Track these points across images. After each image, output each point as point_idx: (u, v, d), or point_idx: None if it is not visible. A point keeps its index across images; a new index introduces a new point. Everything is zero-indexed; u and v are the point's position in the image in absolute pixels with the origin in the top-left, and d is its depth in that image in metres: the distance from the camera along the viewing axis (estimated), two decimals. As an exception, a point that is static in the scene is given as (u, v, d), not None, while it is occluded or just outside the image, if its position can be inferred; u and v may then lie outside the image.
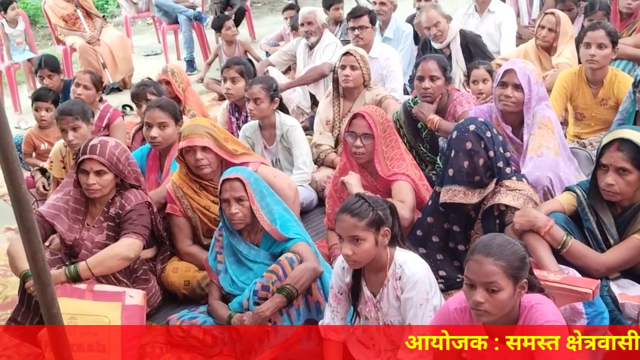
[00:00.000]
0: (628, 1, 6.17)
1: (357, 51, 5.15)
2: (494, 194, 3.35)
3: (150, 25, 11.71)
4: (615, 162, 3.00)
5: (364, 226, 2.76)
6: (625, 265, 3.05)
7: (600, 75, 4.60)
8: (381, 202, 2.88)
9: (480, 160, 3.28)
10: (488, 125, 3.37)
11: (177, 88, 5.55)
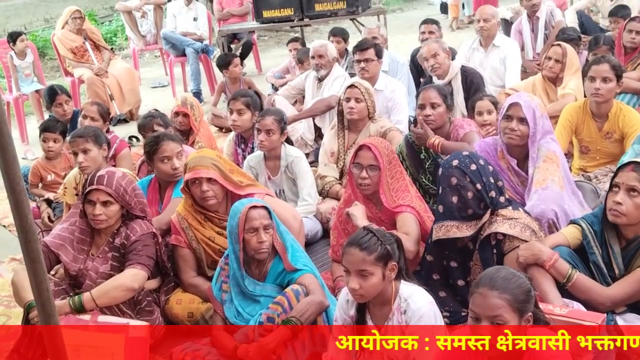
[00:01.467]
0: (632, 35, 6.23)
1: (362, 84, 5.18)
2: (490, 224, 3.34)
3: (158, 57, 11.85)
4: (628, 181, 3.01)
5: (372, 260, 2.75)
6: (631, 299, 3.03)
7: (605, 109, 4.62)
8: (389, 237, 2.88)
9: (468, 193, 3.27)
10: (473, 158, 3.36)
11: (194, 121, 5.60)
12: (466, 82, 5.83)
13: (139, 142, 6.88)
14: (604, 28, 8.21)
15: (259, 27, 9.34)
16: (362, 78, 5.69)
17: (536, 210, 3.58)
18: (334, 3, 8.26)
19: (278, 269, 3.40)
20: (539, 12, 7.78)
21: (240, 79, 7.79)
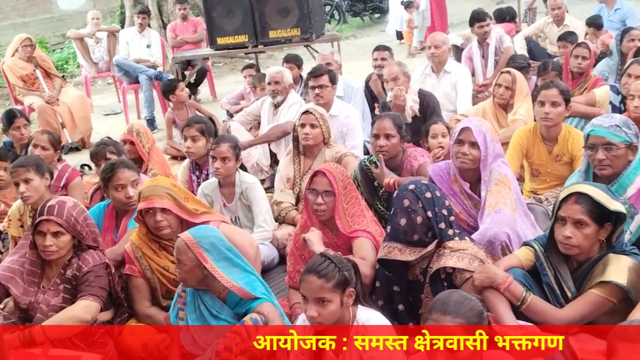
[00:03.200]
0: (578, 61, 6.42)
1: (317, 110, 5.21)
2: (439, 257, 3.36)
3: (110, 84, 11.74)
4: (574, 215, 3.05)
5: (330, 288, 2.75)
6: (584, 320, 3.07)
7: (554, 132, 4.73)
8: (346, 262, 2.88)
9: (417, 218, 3.30)
10: (430, 188, 3.41)
11: (142, 149, 5.53)
12: (422, 104, 5.92)
13: (91, 170, 6.78)
14: (552, 54, 8.44)
15: (213, 54, 9.33)
16: (317, 104, 5.73)
17: (489, 233, 3.63)
18: (288, 30, 8.30)
19: (236, 298, 3.36)
20: (489, 39, 7.96)
21: (185, 104, 7.75)
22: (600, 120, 3.69)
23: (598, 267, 3.07)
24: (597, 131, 3.60)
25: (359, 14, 18.58)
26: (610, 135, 3.54)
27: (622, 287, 2.97)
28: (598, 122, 3.66)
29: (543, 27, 9.32)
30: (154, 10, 13.40)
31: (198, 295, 3.39)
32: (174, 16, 12.25)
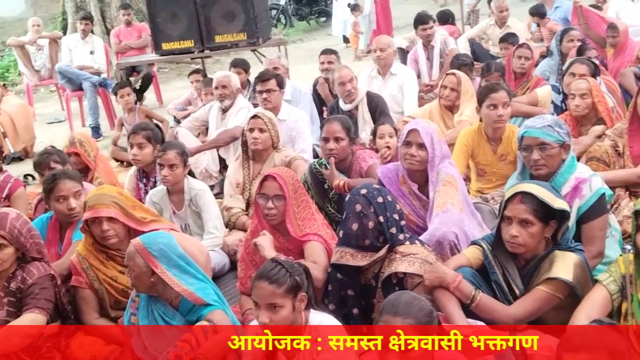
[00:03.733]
0: (521, 61, 6.57)
1: (265, 114, 5.21)
2: (390, 262, 3.39)
3: (53, 92, 11.50)
4: (519, 214, 3.11)
5: (282, 293, 2.74)
6: (532, 317, 3.12)
7: (499, 133, 4.82)
8: (297, 267, 2.88)
9: (369, 223, 3.33)
10: (382, 192, 3.44)
11: (88, 158, 5.42)
12: (371, 105, 5.97)
13: (35, 180, 6.62)
14: (495, 55, 8.60)
15: (158, 60, 9.23)
16: (265, 108, 5.72)
17: (438, 233, 3.67)
18: (235, 34, 8.26)
19: (189, 305, 3.32)
20: (433, 41, 8.07)
21: (135, 109, 7.65)
22: (533, 121, 3.75)
23: (545, 264, 3.13)
24: (530, 132, 3.66)
25: (305, 17, 18.65)
26: (543, 136, 3.62)
27: (569, 283, 3.04)
28: (531, 124, 3.73)
29: (486, 29, 9.51)
30: (97, 16, 13.18)
31: (151, 301, 3.34)
32: (118, 22, 12.09)
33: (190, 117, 6.92)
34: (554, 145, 3.62)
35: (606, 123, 5.02)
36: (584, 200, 3.58)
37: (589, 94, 5.03)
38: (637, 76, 6.16)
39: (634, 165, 4.52)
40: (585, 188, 3.59)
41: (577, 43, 7.02)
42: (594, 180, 3.63)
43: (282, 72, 6.85)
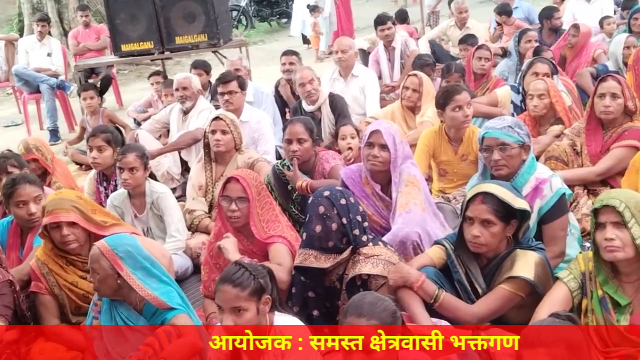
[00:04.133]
0: (481, 62, 6.65)
1: (227, 116, 5.18)
2: (354, 264, 3.40)
3: (10, 95, 11.29)
4: (480, 215, 3.14)
5: (246, 296, 2.73)
6: (495, 315, 3.16)
7: (461, 133, 4.86)
8: (261, 270, 2.87)
9: (332, 225, 3.34)
10: (344, 194, 3.45)
11: (46, 162, 5.33)
12: (332, 107, 6.00)
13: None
14: (455, 56, 8.70)
15: (117, 61, 9.10)
16: (227, 110, 5.69)
17: (401, 233, 3.69)
18: (195, 36, 8.19)
19: (153, 308, 3.27)
20: (394, 42, 8.13)
21: (99, 112, 7.55)
22: (493, 122, 3.80)
23: (506, 263, 3.17)
24: (491, 133, 3.70)
25: (266, 19, 18.62)
26: (503, 136, 3.66)
27: (530, 281, 3.08)
28: (491, 125, 3.77)
29: (446, 30, 9.62)
30: (54, 18, 12.97)
31: (114, 305, 3.29)
32: (76, 23, 11.89)
33: (150, 119, 6.86)
34: (514, 146, 3.66)
35: (564, 122, 5.11)
36: (545, 200, 3.63)
37: (546, 94, 5.10)
38: (594, 76, 6.28)
39: (591, 164, 4.61)
40: (545, 188, 3.64)
41: (535, 44, 7.14)
42: (554, 180, 3.69)
43: (243, 74, 6.82)
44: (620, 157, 4.42)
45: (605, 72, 5.79)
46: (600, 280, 2.87)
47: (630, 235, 2.73)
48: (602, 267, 2.87)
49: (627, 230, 2.74)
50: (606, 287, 2.86)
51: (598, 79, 4.80)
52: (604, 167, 4.52)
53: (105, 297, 3.29)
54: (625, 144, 4.43)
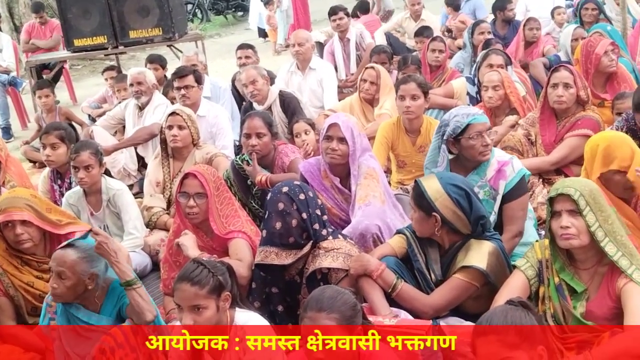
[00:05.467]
0: (435, 54, 6.70)
1: (184, 111, 5.13)
2: (314, 258, 3.41)
3: (-42, 92, 10.95)
4: (410, 199, 3.31)
5: (205, 294, 2.70)
6: (451, 305, 3.20)
7: (417, 125, 4.90)
8: (220, 267, 2.84)
9: (293, 221, 3.33)
10: (303, 189, 3.45)
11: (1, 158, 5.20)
12: (283, 105, 5.96)
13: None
14: (411, 48, 8.75)
15: (70, 56, 8.94)
16: (183, 105, 5.63)
17: (361, 226, 3.71)
18: (149, 30, 8.08)
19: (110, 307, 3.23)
20: (349, 35, 8.15)
21: (55, 110, 7.40)
22: (467, 110, 3.84)
23: (461, 253, 3.21)
24: (479, 118, 3.73)
25: (222, 12, 18.48)
26: (488, 121, 3.75)
27: (482, 271, 3.12)
28: (472, 111, 3.79)
29: (401, 23, 9.66)
30: (4, 13, 12.69)
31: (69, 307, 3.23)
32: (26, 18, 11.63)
33: (105, 115, 6.75)
34: (494, 130, 3.74)
35: (519, 113, 5.18)
36: (508, 180, 3.70)
37: (501, 85, 5.17)
38: (547, 67, 6.38)
39: (546, 153, 4.69)
40: (508, 169, 3.72)
41: (488, 35, 7.22)
42: (515, 161, 3.78)
43: (200, 68, 6.76)
44: (574, 146, 4.50)
45: (558, 62, 5.87)
46: (556, 267, 2.92)
47: (585, 223, 2.78)
48: (558, 255, 2.92)
49: (582, 218, 2.78)
50: (562, 274, 2.90)
51: (551, 69, 4.88)
52: (558, 156, 4.60)
53: (63, 302, 3.22)
54: (578, 133, 4.52)
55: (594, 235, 2.78)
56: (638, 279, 2.71)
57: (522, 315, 2.29)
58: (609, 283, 2.81)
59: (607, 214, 2.81)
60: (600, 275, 2.86)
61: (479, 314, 2.50)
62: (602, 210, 2.80)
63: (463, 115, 3.76)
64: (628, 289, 2.71)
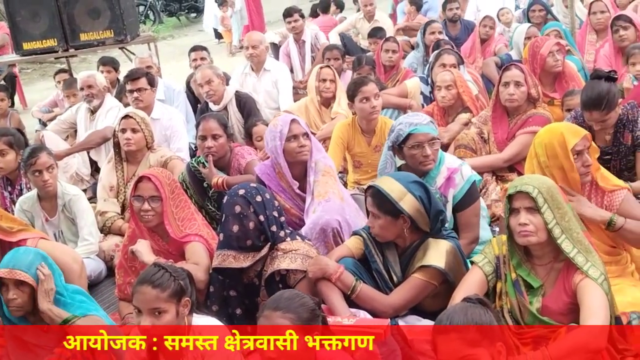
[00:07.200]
0: (389, 55, 6.75)
1: (137, 114, 5.08)
2: (272, 260, 3.40)
3: None
4: (369, 207, 3.27)
5: (166, 297, 2.67)
6: (410, 304, 3.23)
7: (373, 125, 4.93)
8: (181, 272, 2.83)
9: (250, 224, 3.32)
10: (260, 191, 3.43)
11: None
12: (240, 106, 5.93)
13: None
14: (365, 48, 8.80)
15: (19, 60, 8.74)
16: (137, 108, 5.57)
17: (321, 221, 3.71)
18: (101, 32, 7.94)
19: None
20: (304, 36, 8.16)
21: (7, 114, 7.22)
22: (413, 119, 3.83)
23: (419, 252, 3.23)
24: (421, 129, 3.72)
25: (174, 13, 18.32)
26: (432, 131, 3.74)
27: (441, 269, 3.15)
28: (416, 121, 3.78)
29: (355, 23, 9.71)
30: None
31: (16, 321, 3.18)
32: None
33: (56, 119, 6.63)
34: (438, 140, 3.76)
35: (472, 111, 5.25)
36: (458, 188, 3.73)
37: (453, 85, 5.22)
38: (498, 65, 6.48)
39: (498, 151, 4.77)
40: (457, 177, 3.75)
41: (439, 35, 7.30)
42: (464, 168, 3.80)
43: (153, 71, 6.69)
44: (525, 143, 4.56)
45: (509, 61, 5.97)
46: (514, 263, 2.95)
47: (543, 220, 2.81)
48: (515, 251, 2.95)
49: (540, 216, 2.82)
50: (519, 270, 2.94)
51: (502, 68, 4.96)
52: (510, 153, 4.68)
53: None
54: (529, 130, 4.59)
55: (551, 232, 2.81)
56: (594, 276, 2.75)
57: (482, 313, 2.32)
58: (565, 279, 2.85)
59: (564, 211, 2.85)
60: (557, 271, 2.90)
61: (437, 311, 2.52)
62: (559, 208, 2.84)
63: (406, 124, 3.77)
64: (584, 285, 2.75)
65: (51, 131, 6.33)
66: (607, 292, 2.74)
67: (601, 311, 2.67)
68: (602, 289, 2.72)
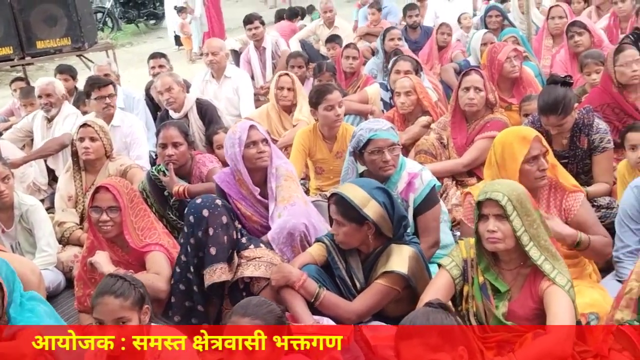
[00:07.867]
0: (349, 61, 6.79)
1: (96, 122, 5.01)
2: (236, 268, 3.39)
3: None
4: (333, 215, 3.27)
5: (129, 306, 2.66)
6: (374, 310, 3.23)
7: (335, 131, 4.94)
8: (137, 280, 2.82)
9: (233, 233, 3.32)
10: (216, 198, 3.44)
11: None
12: (201, 113, 5.89)
13: None
14: (325, 55, 8.83)
15: (-26, 68, 8.58)
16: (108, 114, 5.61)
17: (289, 225, 3.67)
18: (58, 39, 7.84)
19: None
20: (265, 43, 8.16)
21: None
22: (373, 125, 3.85)
23: (382, 258, 3.24)
24: (380, 134, 3.73)
25: (133, 20, 18.14)
26: (392, 137, 3.75)
27: (404, 275, 3.16)
28: (376, 127, 3.79)
29: (315, 30, 9.74)
30: None
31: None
32: None
33: (12, 127, 6.51)
34: (398, 145, 3.77)
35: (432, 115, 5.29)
36: (418, 192, 3.75)
37: (413, 91, 5.25)
38: (457, 71, 6.55)
39: (458, 156, 4.82)
40: (417, 182, 3.76)
41: (399, 42, 7.35)
42: (424, 173, 3.82)
43: (113, 79, 6.61)
44: (484, 148, 4.61)
45: (468, 67, 6.05)
46: (481, 267, 2.97)
47: (512, 228, 2.83)
48: (483, 255, 2.97)
49: (508, 223, 2.84)
50: (487, 274, 2.96)
51: (461, 73, 5.01)
52: (469, 158, 4.73)
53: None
54: (487, 135, 4.64)
55: (520, 239, 2.84)
56: (561, 283, 2.78)
57: (443, 317, 2.33)
58: (532, 285, 2.88)
59: (533, 219, 2.87)
60: (523, 276, 2.92)
61: (399, 317, 2.53)
62: (528, 215, 2.86)
63: (366, 130, 3.79)
64: (550, 291, 2.78)
65: (7, 140, 6.21)
66: (573, 299, 2.78)
67: (567, 317, 2.71)
68: (569, 296, 2.76)
